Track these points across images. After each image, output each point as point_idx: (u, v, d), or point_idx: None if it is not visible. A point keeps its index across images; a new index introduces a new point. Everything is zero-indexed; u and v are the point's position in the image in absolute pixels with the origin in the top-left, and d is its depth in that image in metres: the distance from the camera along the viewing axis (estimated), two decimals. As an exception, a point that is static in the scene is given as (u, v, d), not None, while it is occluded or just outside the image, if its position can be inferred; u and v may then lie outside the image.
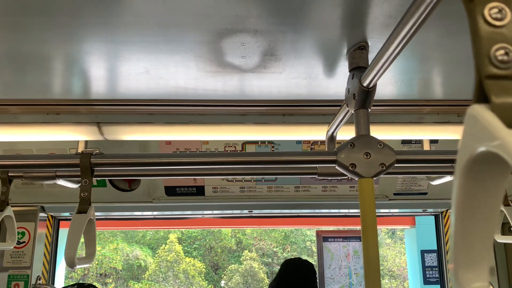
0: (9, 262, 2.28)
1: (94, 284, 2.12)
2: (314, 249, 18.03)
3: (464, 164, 0.35)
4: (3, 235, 2.21)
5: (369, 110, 1.10)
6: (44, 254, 2.44)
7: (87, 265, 1.15)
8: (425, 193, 2.39)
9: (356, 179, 1.07)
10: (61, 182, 1.46)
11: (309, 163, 1.19)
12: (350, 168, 1.05)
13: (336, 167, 1.09)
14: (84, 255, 1.19)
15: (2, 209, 1.40)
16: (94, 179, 1.22)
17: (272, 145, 2.13)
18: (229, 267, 17.55)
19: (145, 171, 1.36)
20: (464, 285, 0.32)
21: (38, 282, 2.32)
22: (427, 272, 4.88)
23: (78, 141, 1.71)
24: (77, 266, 1.03)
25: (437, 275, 4.85)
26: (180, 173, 1.35)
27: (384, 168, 1.06)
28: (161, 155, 1.09)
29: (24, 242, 2.30)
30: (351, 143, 1.07)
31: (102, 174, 1.33)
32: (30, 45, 1.12)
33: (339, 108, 1.29)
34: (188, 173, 1.44)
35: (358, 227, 4.00)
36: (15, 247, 2.11)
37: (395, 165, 1.10)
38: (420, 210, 2.58)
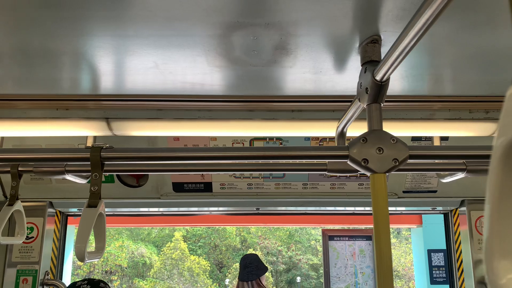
0: (17, 257, 2.29)
1: (103, 280, 2.12)
2: (319, 248, 18.02)
3: (502, 150, 0.33)
4: (11, 231, 2.23)
5: (382, 104, 1.08)
6: (52, 250, 2.45)
7: (97, 259, 1.15)
8: (435, 191, 2.36)
9: (368, 174, 1.05)
10: (69, 177, 1.46)
11: (320, 158, 1.18)
12: (363, 164, 1.04)
13: (348, 162, 1.08)
14: (92, 250, 1.19)
15: (12, 203, 1.40)
16: (102, 174, 1.21)
17: (280, 141, 2.12)
18: (233, 266, 17.58)
19: (155, 166, 1.36)
20: (499, 275, 0.30)
21: (46, 277, 2.33)
22: (434, 271, 4.85)
23: (87, 136, 1.71)
24: (87, 260, 1.03)
25: (444, 275, 4.82)
26: (192, 168, 1.34)
27: (397, 163, 1.04)
28: (172, 149, 1.08)
29: (32, 237, 2.31)
30: (363, 138, 1.06)
31: (112, 169, 1.33)
32: (40, 39, 1.11)
33: (348, 104, 1.28)
34: (201, 169, 1.43)
35: (364, 226, 3.98)
36: (23, 242, 2.11)
37: (408, 161, 1.08)
38: (429, 208, 2.55)
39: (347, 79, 1.36)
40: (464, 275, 2.44)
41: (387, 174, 1.05)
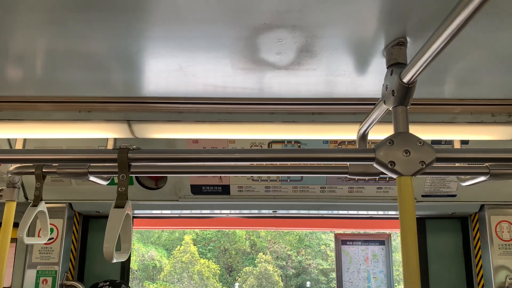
0: (37, 258, 2.32)
1: (123, 281, 2.13)
2: (329, 252, 17.87)
3: None
4: (30, 232, 2.26)
5: (408, 107, 1.08)
6: (71, 251, 2.47)
7: (124, 260, 1.16)
8: (454, 195, 2.33)
9: (395, 177, 1.05)
10: (92, 178, 1.47)
11: (345, 160, 1.17)
12: (389, 166, 1.03)
13: (374, 164, 1.07)
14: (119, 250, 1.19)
15: (36, 204, 1.42)
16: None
17: (298, 144, 2.12)
18: (243, 270, 17.54)
19: (182, 168, 1.36)
20: None
21: (66, 278, 2.35)
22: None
23: (107, 138, 1.72)
24: (115, 260, 1.04)
25: (458, 281, 4.75)
26: (221, 170, 1.34)
27: (424, 166, 1.03)
28: (202, 150, 1.09)
29: (52, 238, 2.34)
30: (390, 140, 1.05)
31: (138, 170, 1.34)
32: (63, 42, 1.12)
33: (369, 106, 1.27)
34: (231, 171, 1.43)
35: (376, 231, 3.91)
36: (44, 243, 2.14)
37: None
38: (448, 212, 2.52)
39: (369, 81, 1.36)
40: (484, 281, 2.40)
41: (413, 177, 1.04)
